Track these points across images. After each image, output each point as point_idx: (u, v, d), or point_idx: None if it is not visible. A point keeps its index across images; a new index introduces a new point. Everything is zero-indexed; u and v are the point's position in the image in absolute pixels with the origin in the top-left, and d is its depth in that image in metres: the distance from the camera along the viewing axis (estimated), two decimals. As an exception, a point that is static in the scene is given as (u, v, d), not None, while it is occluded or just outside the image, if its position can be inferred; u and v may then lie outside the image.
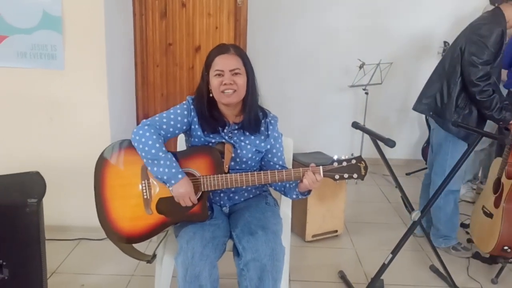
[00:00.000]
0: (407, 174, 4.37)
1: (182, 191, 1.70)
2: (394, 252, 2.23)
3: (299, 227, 2.94)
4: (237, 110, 1.88)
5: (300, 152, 2.98)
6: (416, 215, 2.24)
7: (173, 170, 1.69)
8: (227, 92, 1.78)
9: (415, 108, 2.89)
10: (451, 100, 2.61)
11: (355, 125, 2.26)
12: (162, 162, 1.69)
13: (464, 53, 2.52)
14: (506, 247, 2.48)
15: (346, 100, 4.63)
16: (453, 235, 2.85)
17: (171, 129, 1.81)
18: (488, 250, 2.58)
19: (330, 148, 3.32)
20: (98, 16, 2.68)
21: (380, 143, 2.08)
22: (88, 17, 2.67)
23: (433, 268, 2.64)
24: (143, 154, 1.72)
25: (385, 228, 3.24)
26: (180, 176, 1.70)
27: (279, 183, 1.92)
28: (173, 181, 1.69)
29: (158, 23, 3.57)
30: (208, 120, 1.83)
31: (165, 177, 1.69)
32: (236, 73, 1.79)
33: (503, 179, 2.53)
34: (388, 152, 2.19)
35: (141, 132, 1.74)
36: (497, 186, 2.58)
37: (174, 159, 1.72)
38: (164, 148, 1.73)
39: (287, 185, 1.89)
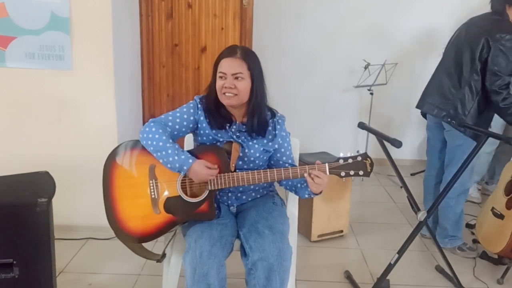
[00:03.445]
0: (411, 174, 4.37)
1: (199, 173, 1.71)
2: (400, 252, 2.24)
3: (304, 227, 2.95)
4: (243, 111, 1.90)
5: (306, 152, 2.99)
6: (422, 215, 2.24)
7: (182, 157, 1.72)
8: (227, 95, 1.81)
9: (423, 108, 2.87)
10: (474, 108, 2.60)
11: (362, 125, 2.27)
12: (170, 151, 1.72)
13: (488, 62, 2.50)
14: None
15: (351, 100, 4.63)
16: (459, 235, 2.86)
17: (177, 127, 1.84)
18: (496, 251, 2.58)
19: (335, 149, 3.33)
20: (105, 17, 2.70)
21: (386, 144, 2.09)
22: (96, 18, 2.69)
23: (438, 268, 2.64)
24: (152, 148, 1.74)
25: (391, 228, 3.24)
26: (191, 160, 1.72)
27: (289, 183, 1.93)
28: (185, 167, 1.71)
29: (164, 24, 3.59)
30: (215, 117, 1.86)
31: (177, 165, 1.71)
32: (238, 77, 1.80)
33: None
34: (392, 152, 2.20)
35: (147, 129, 1.77)
36: (510, 188, 2.58)
37: (181, 148, 1.75)
38: (171, 140, 1.76)
39: (298, 185, 1.91)
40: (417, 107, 2.93)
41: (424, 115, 2.97)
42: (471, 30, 2.67)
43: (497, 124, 3.32)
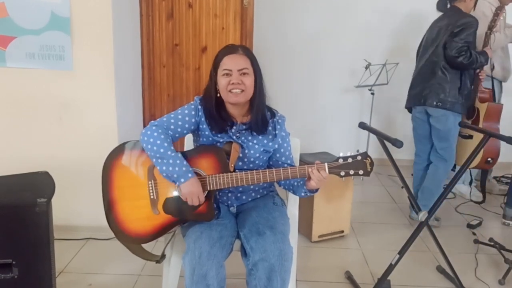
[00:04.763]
0: (412, 174, 4.35)
1: (192, 190, 1.71)
2: (401, 252, 2.23)
3: (305, 228, 2.95)
4: (244, 110, 1.89)
5: (306, 152, 2.99)
6: (423, 215, 2.23)
7: (184, 169, 1.70)
8: (234, 91, 1.79)
9: (412, 104, 3.29)
10: (452, 86, 3.00)
11: (362, 125, 2.26)
12: (171, 160, 1.70)
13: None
14: (489, 159, 3.04)
15: (352, 100, 4.63)
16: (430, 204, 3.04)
17: (179, 129, 1.83)
18: (473, 166, 3.12)
19: (336, 149, 3.30)
20: (106, 17, 2.69)
21: (387, 144, 2.08)
22: (96, 18, 2.69)
23: (440, 269, 2.63)
24: (152, 153, 1.73)
25: (391, 229, 3.24)
26: (190, 175, 1.71)
27: (287, 182, 1.92)
28: (182, 179, 1.70)
29: (165, 24, 3.58)
30: (216, 120, 1.84)
31: (174, 175, 1.70)
32: (244, 73, 1.80)
33: (477, 104, 3.16)
34: (393, 152, 2.19)
35: (149, 132, 1.75)
36: (471, 111, 3.17)
37: (183, 158, 1.74)
38: (172, 148, 1.74)
39: (295, 183, 1.90)
40: (406, 106, 3.37)
41: (409, 109, 3.40)
42: (434, 30, 3.12)
43: None
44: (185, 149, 2.10)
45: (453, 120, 3.04)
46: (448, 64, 3.00)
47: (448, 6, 3.18)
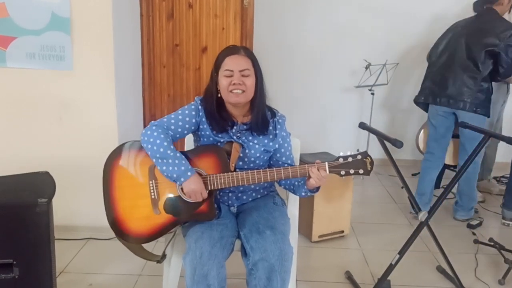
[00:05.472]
0: (413, 174, 4.36)
1: (194, 187, 1.71)
2: (401, 252, 2.23)
3: (305, 228, 2.95)
4: (245, 110, 1.90)
5: (306, 152, 2.99)
6: (423, 215, 2.24)
7: (183, 168, 1.71)
8: (235, 91, 1.80)
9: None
10: (490, 92, 3.11)
11: (362, 125, 2.26)
12: (171, 160, 1.71)
13: (501, 56, 2.99)
14: None
15: (352, 100, 4.63)
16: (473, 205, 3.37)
17: (179, 129, 1.83)
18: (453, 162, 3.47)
19: (336, 149, 3.30)
20: (106, 17, 2.69)
21: (387, 144, 2.08)
22: (97, 18, 2.69)
23: (440, 269, 2.63)
24: (152, 153, 1.73)
25: (391, 229, 3.24)
26: (189, 173, 1.71)
27: (288, 182, 1.93)
28: (182, 179, 1.70)
29: (165, 24, 3.58)
30: (217, 120, 1.85)
31: (174, 175, 1.71)
32: (245, 74, 1.80)
33: None
34: (393, 152, 2.20)
35: (149, 132, 1.76)
36: None
37: (183, 156, 1.74)
38: (172, 147, 1.75)
39: (296, 183, 1.90)
40: (424, 101, 3.33)
41: (424, 106, 3.39)
42: (471, 31, 3.10)
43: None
44: (185, 149, 2.10)
45: (482, 120, 3.09)
46: (496, 75, 3.08)
47: (484, 7, 3.11)
